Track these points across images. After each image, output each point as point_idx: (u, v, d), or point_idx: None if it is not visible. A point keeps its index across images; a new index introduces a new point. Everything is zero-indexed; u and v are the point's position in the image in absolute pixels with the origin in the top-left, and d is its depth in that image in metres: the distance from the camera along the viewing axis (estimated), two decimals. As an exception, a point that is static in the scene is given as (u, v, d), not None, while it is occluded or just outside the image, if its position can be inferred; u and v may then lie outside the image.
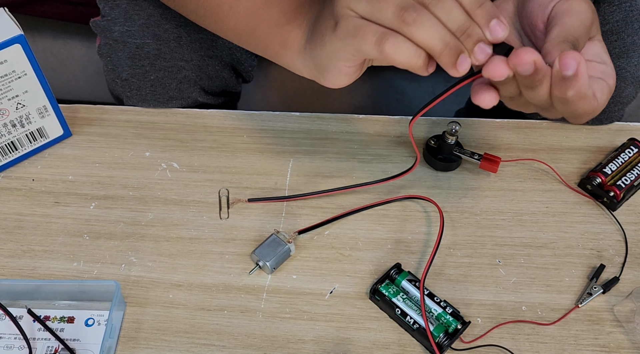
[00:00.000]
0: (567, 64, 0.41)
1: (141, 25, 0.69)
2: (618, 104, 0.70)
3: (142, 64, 0.70)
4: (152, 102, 0.73)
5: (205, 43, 0.72)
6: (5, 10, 0.61)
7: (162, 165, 0.68)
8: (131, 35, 0.69)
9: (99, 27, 0.72)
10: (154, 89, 0.72)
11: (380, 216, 0.64)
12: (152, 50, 0.70)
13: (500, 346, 0.55)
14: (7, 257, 0.61)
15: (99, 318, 0.56)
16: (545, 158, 0.68)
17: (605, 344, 0.55)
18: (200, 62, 0.72)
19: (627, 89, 0.69)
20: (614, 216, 0.64)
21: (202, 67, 0.73)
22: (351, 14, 0.44)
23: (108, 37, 0.71)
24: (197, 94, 0.75)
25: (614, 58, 0.67)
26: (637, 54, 0.67)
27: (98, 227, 0.63)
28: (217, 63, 0.74)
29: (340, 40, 0.45)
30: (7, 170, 0.68)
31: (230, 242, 0.62)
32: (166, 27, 0.69)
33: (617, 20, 0.67)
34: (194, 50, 0.71)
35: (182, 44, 0.70)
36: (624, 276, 0.59)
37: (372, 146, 0.70)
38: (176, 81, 0.72)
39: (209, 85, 0.76)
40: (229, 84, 0.79)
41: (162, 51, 0.70)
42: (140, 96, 0.73)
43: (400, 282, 0.57)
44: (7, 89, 0.62)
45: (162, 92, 0.72)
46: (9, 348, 0.55)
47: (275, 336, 0.55)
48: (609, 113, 0.71)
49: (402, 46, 0.41)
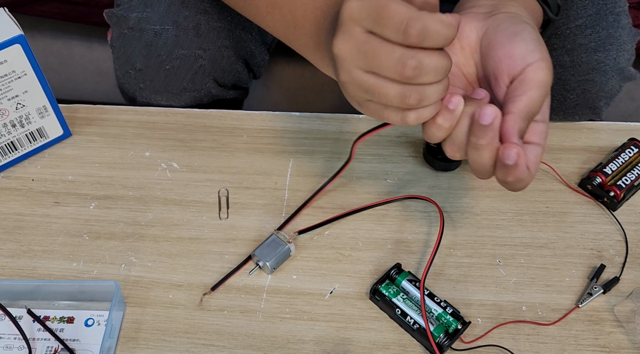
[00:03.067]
0: (508, 155, 0.43)
1: (161, 12, 0.69)
2: (602, 98, 0.70)
3: (158, 53, 0.70)
4: (165, 93, 0.73)
5: (222, 32, 0.71)
6: (5, 10, 0.61)
7: (162, 165, 0.68)
8: (149, 21, 0.69)
9: (114, 17, 0.71)
10: (168, 80, 0.72)
11: (381, 216, 0.64)
12: (170, 37, 0.69)
13: (501, 346, 0.54)
14: (6, 258, 0.61)
15: (98, 318, 0.56)
16: (546, 158, 0.68)
17: (606, 345, 0.55)
18: (216, 53, 0.72)
19: (608, 82, 0.69)
20: (614, 216, 0.64)
21: (217, 58, 0.73)
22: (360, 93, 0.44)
23: (123, 26, 0.70)
24: (210, 86, 0.74)
25: (591, 52, 0.67)
26: (614, 46, 0.67)
27: (98, 228, 0.63)
28: (232, 54, 0.74)
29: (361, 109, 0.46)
30: (7, 170, 0.68)
31: (230, 242, 0.62)
32: (186, 15, 0.69)
33: (590, 14, 0.67)
34: (211, 40, 0.71)
35: (200, 32, 0.70)
36: (624, 276, 0.59)
37: (373, 146, 0.69)
38: (191, 72, 0.72)
39: (222, 78, 0.75)
40: (241, 78, 0.78)
41: (181, 39, 0.69)
42: (153, 87, 0.72)
43: (401, 282, 0.57)
44: (7, 89, 0.62)
45: (175, 83, 0.72)
46: (9, 348, 0.55)
47: (275, 336, 0.55)
48: (594, 108, 0.71)
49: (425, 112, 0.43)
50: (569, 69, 0.68)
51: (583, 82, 0.68)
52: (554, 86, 0.69)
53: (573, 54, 0.67)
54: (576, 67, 0.68)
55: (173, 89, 0.73)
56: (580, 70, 0.68)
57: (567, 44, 0.67)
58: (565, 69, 0.68)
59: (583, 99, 0.69)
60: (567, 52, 0.67)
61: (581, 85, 0.69)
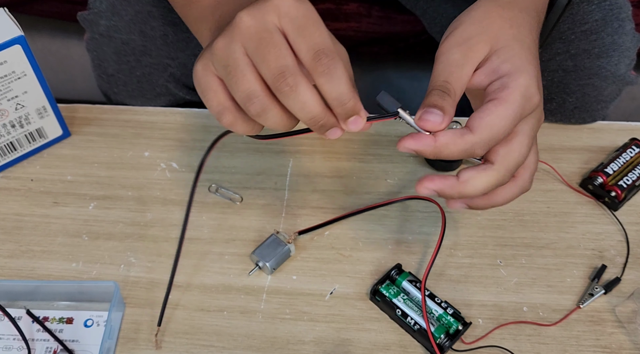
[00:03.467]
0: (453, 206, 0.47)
1: (128, 21, 0.69)
2: (600, 102, 0.70)
3: (127, 59, 0.70)
4: (140, 98, 0.73)
5: (191, 42, 0.71)
6: (6, 11, 0.61)
7: (161, 165, 0.68)
8: (117, 30, 0.69)
9: (86, 21, 0.72)
10: (141, 85, 0.72)
11: (381, 216, 0.64)
12: (138, 46, 0.69)
13: (502, 347, 0.54)
14: (5, 258, 0.60)
15: (98, 318, 0.56)
16: (547, 158, 0.68)
17: (607, 345, 0.55)
18: (186, 61, 0.72)
19: (608, 88, 0.69)
20: (616, 216, 0.63)
21: (188, 66, 0.72)
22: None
23: (94, 31, 0.70)
24: (184, 92, 0.74)
25: (594, 58, 0.67)
26: (617, 52, 0.67)
27: (97, 228, 0.63)
28: None
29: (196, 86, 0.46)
30: (6, 170, 0.67)
31: (230, 243, 0.61)
32: (153, 25, 0.69)
33: (596, 20, 0.66)
34: (180, 49, 0.71)
35: (168, 42, 0.70)
36: (625, 276, 0.59)
37: (372, 146, 0.69)
38: (162, 79, 0.71)
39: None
40: None
41: (148, 48, 0.69)
42: (127, 91, 0.72)
43: (401, 283, 0.57)
44: (7, 90, 0.62)
45: (149, 89, 0.72)
46: (8, 348, 0.54)
47: (275, 337, 0.55)
48: (591, 112, 0.71)
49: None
50: (570, 73, 0.68)
51: (583, 86, 0.68)
52: (555, 89, 0.69)
53: (576, 58, 0.67)
54: (578, 72, 0.68)
55: (146, 94, 0.73)
56: (581, 75, 0.68)
57: (572, 48, 0.67)
58: (568, 73, 0.68)
59: (582, 103, 0.70)
60: (571, 57, 0.67)
61: (581, 90, 0.69)
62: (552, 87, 0.69)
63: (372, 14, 0.97)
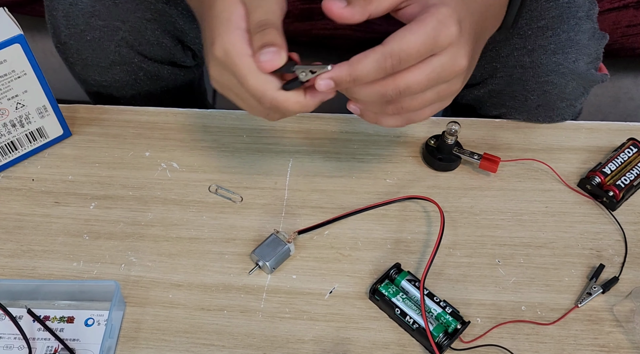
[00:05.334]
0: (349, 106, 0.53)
1: None
2: (564, 100, 0.70)
3: (76, 22, 0.69)
4: (95, 67, 0.72)
5: (142, 4, 0.70)
6: (5, 10, 0.61)
7: (162, 165, 0.68)
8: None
9: None
10: (94, 52, 0.71)
11: (380, 216, 0.64)
12: (86, 7, 0.69)
13: (500, 346, 0.55)
14: (7, 257, 0.61)
15: (98, 317, 0.56)
16: (545, 158, 0.68)
17: (605, 344, 0.55)
18: (137, 24, 0.71)
19: (568, 84, 0.69)
20: (614, 215, 0.64)
21: (140, 30, 0.72)
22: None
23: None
24: (139, 60, 0.74)
25: (550, 54, 0.67)
26: (573, 49, 0.67)
27: (98, 227, 0.63)
28: (156, 28, 0.73)
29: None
30: (7, 170, 0.68)
31: (230, 242, 0.62)
32: None
33: (553, 16, 0.67)
34: (130, 11, 0.70)
35: (117, 2, 0.69)
36: (623, 275, 0.59)
37: (372, 146, 0.70)
38: (114, 44, 0.71)
39: (150, 52, 0.74)
40: (175, 54, 0.77)
41: (97, 9, 0.69)
42: (81, 60, 0.72)
43: (400, 282, 0.57)
44: (7, 89, 0.62)
45: (101, 56, 0.72)
46: (9, 347, 0.55)
47: (274, 336, 0.55)
48: (557, 110, 0.71)
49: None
50: (529, 69, 0.68)
51: (543, 83, 0.69)
52: (516, 86, 0.69)
53: (533, 54, 0.67)
54: (535, 68, 0.68)
55: (101, 63, 0.72)
56: (539, 71, 0.68)
57: (528, 44, 0.67)
58: (526, 69, 0.68)
59: (544, 100, 0.70)
60: (528, 53, 0.68)
61: (541, 87, 0.69)
62: (513, 84, 0.70)
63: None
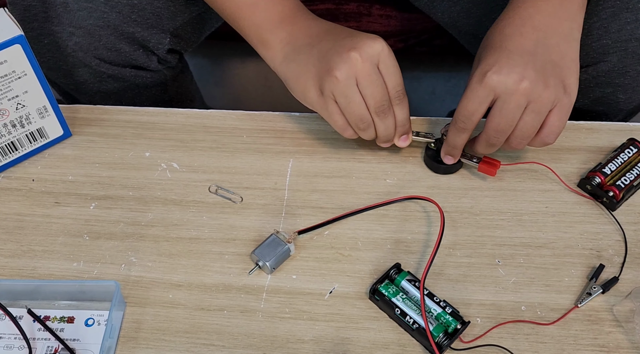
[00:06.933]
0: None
1: None
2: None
3: (32, 26, 0.70)
4: (59, 71, 0.72)
5: (94, 13, 0.70)
6: (5, 11, 0.61)
7: (162, 165, 0.68)
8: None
9: None
10: (54, 55, 0.71)
11: (380, 216, 0.64)
12: (39, 12, 0.69)
13: (500, 346, 0.55)
14: (7, 258, 0.61)
15: (98, 318, 0.56)
16: (545, 158, 0.68)
17: (605, 344, 0.55)
18: (91, 30, 0.71)
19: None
20: (614, 216, 0.64)
21: (94, 35, 0.71)
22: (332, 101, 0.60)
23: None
24: (97, 63, 0.74)
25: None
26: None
27: (98, 228, 0.63)
28: (112, 33, 0.72)
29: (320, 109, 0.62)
30: (7, 170, 0.68)
31: (230, 242, 0.62)
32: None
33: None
34: (82, 18, 0.70)
35: (69, 10, 0.69)
36: (623, 276, 0.59)
37: (372, 146, 0.70)
38: (69, 48, 0.71)
39: (108, 56, 0.74)
40: (137, 58, 0.77)
41: (50, 15, 0.69)
42: (44, 62, 0.72)
43: (400, 282, 0.57)
44: (7, 89, 0.62)
45: (61, 58, 0.72)
46: (9, 348, 0.55)
47: (274, 336, 0.55)
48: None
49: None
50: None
51: None
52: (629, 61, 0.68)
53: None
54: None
55: (63, 65, 0.72)
56: None
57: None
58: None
59: None
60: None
61: None
62: (626, 59, 0.67)
63: (372, 12, 0.97)
